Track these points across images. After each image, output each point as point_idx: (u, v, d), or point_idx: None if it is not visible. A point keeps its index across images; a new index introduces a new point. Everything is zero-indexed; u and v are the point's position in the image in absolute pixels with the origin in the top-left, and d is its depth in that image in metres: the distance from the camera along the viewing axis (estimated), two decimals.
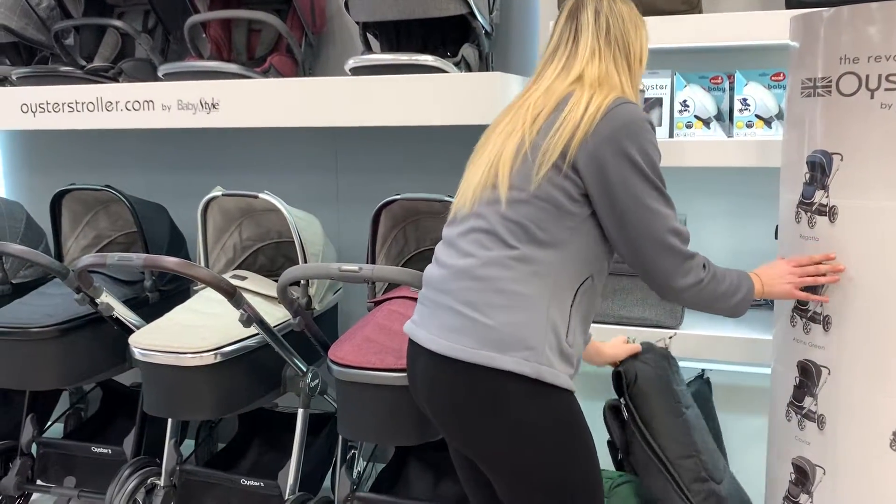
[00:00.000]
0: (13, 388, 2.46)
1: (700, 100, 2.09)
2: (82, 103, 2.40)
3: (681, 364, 2.15)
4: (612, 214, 1.40)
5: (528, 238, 1.40)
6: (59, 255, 2.67)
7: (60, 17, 2.69)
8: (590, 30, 1.49)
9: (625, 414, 1.82)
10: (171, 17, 2.61)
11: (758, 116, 2.03)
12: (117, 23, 2.59)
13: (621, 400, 1.83)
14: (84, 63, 2.67)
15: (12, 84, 2.61)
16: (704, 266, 1.46)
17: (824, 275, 1.55)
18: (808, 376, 1.62)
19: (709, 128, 2.09)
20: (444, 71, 2.07)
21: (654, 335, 2.05)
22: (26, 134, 3.13)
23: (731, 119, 2.09)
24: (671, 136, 2.12)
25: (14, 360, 2.26)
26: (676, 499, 1.74)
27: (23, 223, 2.75)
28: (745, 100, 2.04)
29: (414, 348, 1.52)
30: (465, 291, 1.42)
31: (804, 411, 1.63)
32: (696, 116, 2.09)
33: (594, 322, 2.07)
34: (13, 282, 2.65)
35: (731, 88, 2.09)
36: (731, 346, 2.01)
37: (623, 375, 1.81)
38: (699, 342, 2.04)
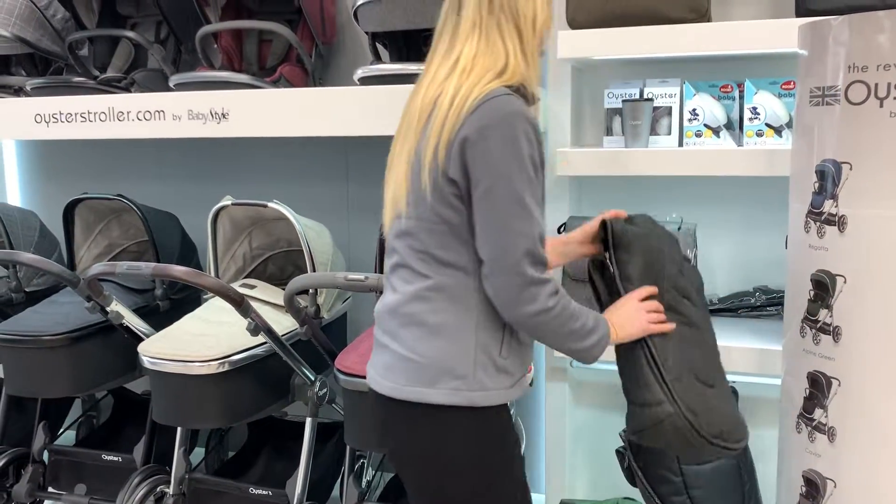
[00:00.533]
0: (26, 396, 2.49)
1: (709, 109, 2.07)
2: (94, 113, 2.43)
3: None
4: (476, 222, 1.32)
5: (437, 264, 1.35)
6: (71, 264, 2.69)
7: (75, 29, 2.72)
8: (471, 1, 1.37)
9: (611, 268, 1.58)
10: (182, 28, 2.63)
11: (768, 125, 2.02)
12: (130, 34, 2.62)
13: (606, 254, 1.60)
14: (97, 73, 2.70)
15: (27, 94, 2.64)
16: (556, 293, 1.34)
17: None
18: (818, 388, 1.60)
19: (718, 137, 2.07)
20: None
21: None
22: (40, 143, 3.17)
23: (740, 128, 2.08)
24: (680, 144, 2.11)
25: (27, 368, 2.28)
26: (648, 373, 1.49)
27: (37, 232, 2.78)
28: (754, 108, 2.03)
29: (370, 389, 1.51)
30: (395, 328, 1.41)
31: (814, 423, 1.61)
32: (706, 125, 2.08)
33: None
34: (27, 290, 2.67)
35: (741, 97, 2.07)
36: (740, 357, 1.99)
37: (609, 225, 1.59)
38: None
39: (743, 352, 1.99)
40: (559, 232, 2.21)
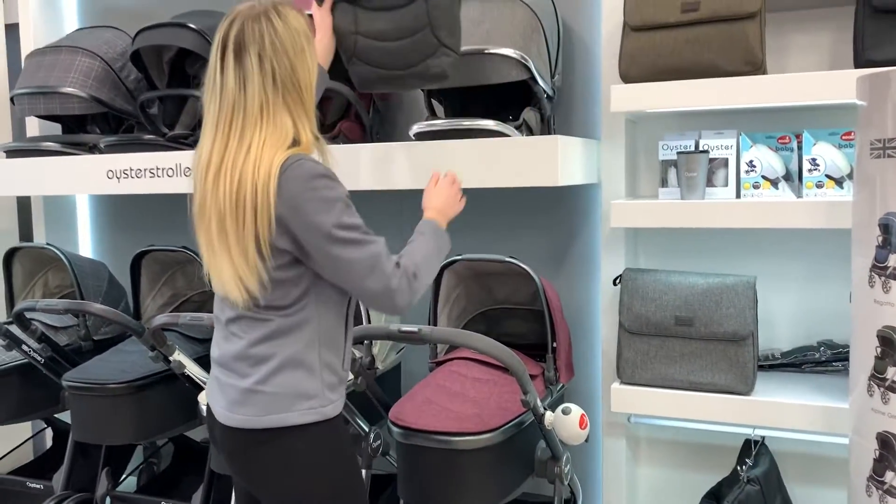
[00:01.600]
0: (91, 442, 2.56)
1: (767, 160, 2.05)
2: (163, 169, 2.53)
3: (751, 431, 2.08)
4: (325, 275, 1.52)
5: (277, 311, 1.53)
6: (137, 313, 2.78)
7: (146, 88, 2.86)
8: (255, 81, 1.48)
9: None
10: None
11: (828, 176, 1.98)
12: (197, 93, 2.71)
13: None
14: (166, 131, 2.83)
15: (101, 151, 2.77)
16: (398, 271, 1.53)
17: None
18: (888, 450, 1.54)
19: (777, 188, 2.04)
20: (505, 135, 2.10)
21: (724, 402, 1.99)
22: (111, 197, 3.31)
23: (800, 179, 2.04)
24: (738, 196, 2.09)
25: (93, 415, 2.36)
26: None
27: (105, 282, 2.89)
28: (814, 160, 2.00)
29: (210, 419, 1.65)
30: (244, 369, 1.55)
31: (886, 487, 1.54)
32: (764, 177, 2.05)
33: (662, 388, 2.05)
34: (95, 338, 2.77)
35: (800, 148, 2.04)
36: (805, 414, 1.93)
37: None
38: (771, 409, 1.96)
39: (808, 409, 1.93)
40: (615, 284, 2.20)
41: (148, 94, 2.78)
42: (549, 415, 1.80)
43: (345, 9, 1.99)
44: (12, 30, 3.32)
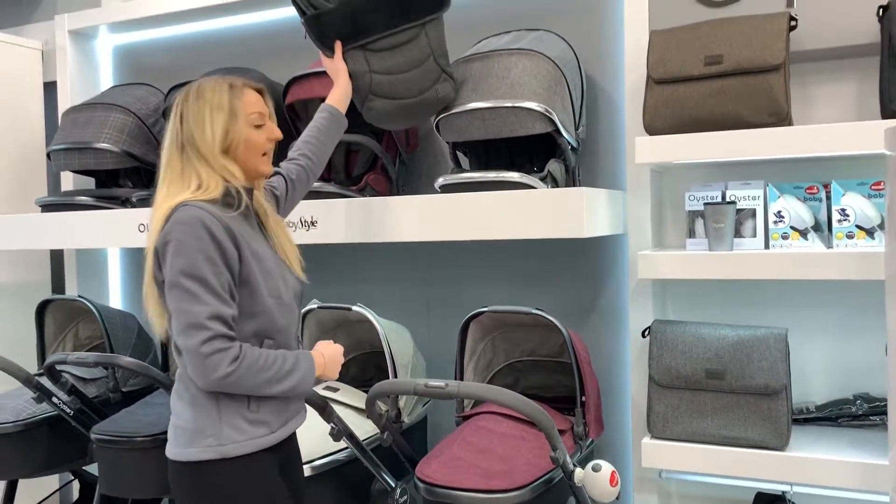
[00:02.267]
0: (118, 496, 2.55)
1: (795, 210, 2.04)
2: None
3: (789, 488, 2.03)
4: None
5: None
6: (165, 364, 2.80)
7: None
8: (165, 143, 1.74)
9: None
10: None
11: (859, 227, 1.96)
12: None
13: None
14: None
15: (133, 205, 2.83)
16: (237, 358, 1.58)
17: None
18: None
19: (806, 239, 2.02)
20: (530, 187, 2.11)
21: (758, 457, 1.94)
22: (141, 250, 3.35)
23: (829, 230, 2.02)
24: (766, 247, 2.07)
25: (120, 468, 2.35)
26: None
27: (135, 334, 2.92)
28: (843, 210, 1.98)
29: None
30: (173, 403, 1.73)
31: None
32: (793, 227, 2.03)
33: (694, 442, 2.00)
34: (123, 390, 2.79)
35: (828, 198, 2.03)
36: (843, 471, 1.87)
37: None
38: (807, 465, 1.91)
39: (845, 465, 1.87)
40: (644, 336, 2.17)
41: None
42: (578, 471, 1.77)
43: (355, 55, 2.13)
44: (51, 87, 3.43)
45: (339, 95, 2.13)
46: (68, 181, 3.33)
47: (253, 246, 1.69)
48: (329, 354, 1.82)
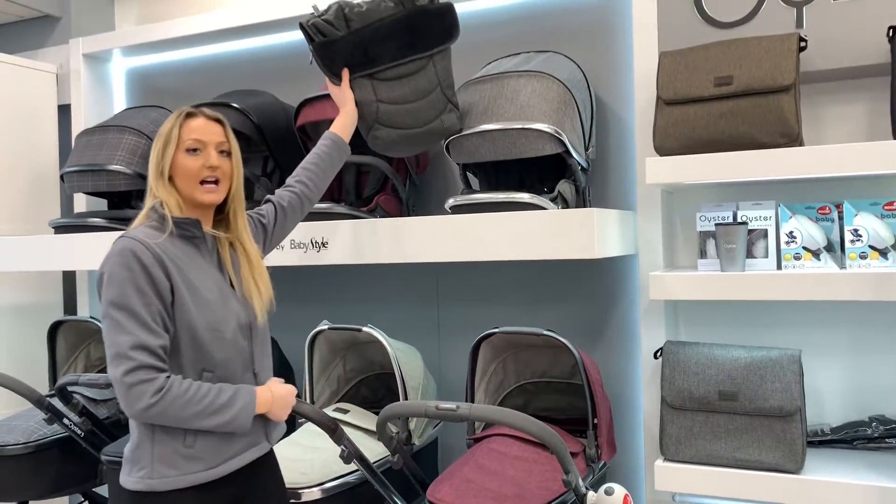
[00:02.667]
0: None
1: (807, 231, 2.03)
2: None
3: None
4: None
5: None
6: None
7: None
8: None
9: None
10: (288, 163, 2.80)
11: (872, 247, 1.95)
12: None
13: None
14: None
15: None
16: (161, 389, 1.57)
17: None
18: None
19: (819, 259, 2.01)
20: (540, 207, 2.11)
21: (773, 480, 1.92)
22: None
23: (842, 250, 2.01)
24: (779, 268, 2.06)
25: None
26: None
27: None
28: (856, 230, 1.97)
29: None
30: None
31: None
32: (805, 248, 2.02)
33: (707, 465, 1.98)
34: None
35: (840, 218, 2.02)
36: (860, 495, 1.85)
37: None
38: (823, 489, 1.88)
39: (862, 489, 1.85)
40: (656, 357, 2.16)
41: None
42: (591, 495, 1.75)
43: (362, 83, 2.15)
44: (65, 110, 3.46)
45: (343, 123, 2.14)
46: (81, 203, 3.36)
47: (191, 276, 1.69)
48: (279, 393, 1.77)
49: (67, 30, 3.53)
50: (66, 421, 2.49)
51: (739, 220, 2.09)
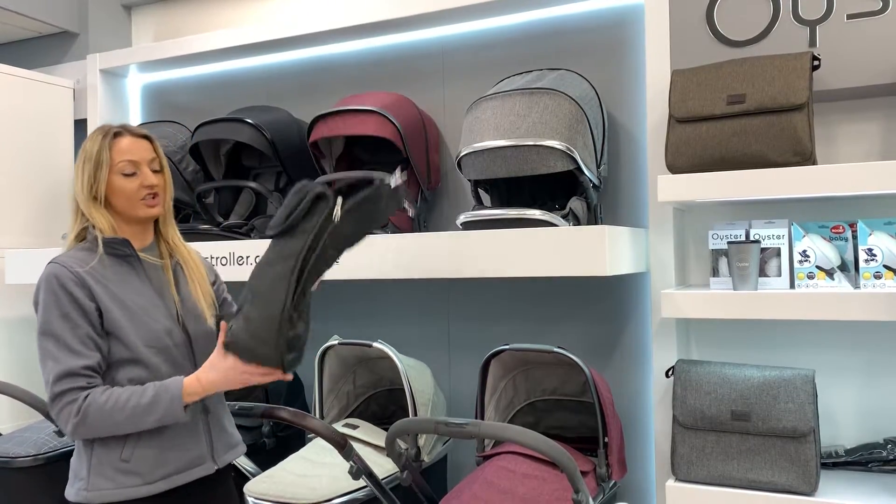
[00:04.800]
0: None
1: (821, 250, 2.01)
2: (217, 258, 2.60)
3: None
4: None
5: None
6: None
7: (203, 180, 2.97)
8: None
9: None
10: (300, 178, 2.81)
11: (886, 267, 1.93)
12: (252, 184, 2.83)
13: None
14: (221, 220, 2.91)
15: None
16: (78, 412, 1.59)
17: None
18: None
19: (833, 279, 2.00)
20: (552, 224, 2.11)
21: (786, 503, 1.89)
22: None
23: (856, 269, 2.00)
24: (792, 287, 2.05)
25: None
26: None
27: None
28: (870, 250, 1.95)
29: None
30: None
31: None
32: (818, 267, 2.01)
33: (719, 486, 1.96)
34: None
35: (854, 238, 2.01)
36: None
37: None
38: None
39: None
40: (667, 376, 2.14)
41: (205, 186, 2.88)
42: None
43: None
44: (81, 125, 3.50)
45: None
46: None
47: (124, 296, 1.70)
48: (208, 379, 1.64)
49: (85, 46, 3.58)
50: None
51: (752, 238, 2.08)
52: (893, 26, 2.02)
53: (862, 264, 1.96)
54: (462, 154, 2.25)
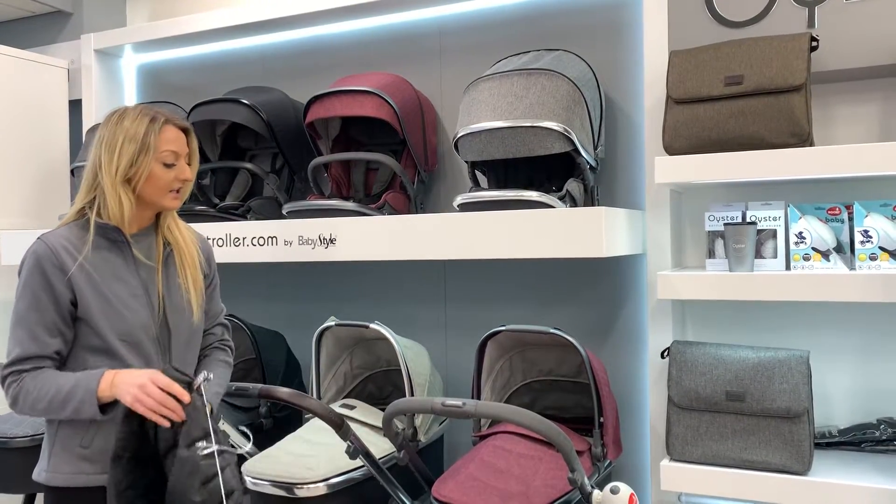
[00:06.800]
0: None
1: (817, 231, 2.02)
2: (213, 239, 2.59)
3: None
4: None
5: None
6: None
7: (199, 161, 2.95)
8: (89, 160, 1.75)
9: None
10: (296, 159, 2.82)
11: (882, 249, 1.94)
12: (248, 165, 2.82)
13: None
14: (217, 201, 2.91)
15: None
16: (17, 394, 1.64)
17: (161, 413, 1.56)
18: None
19: (828, 260, 2.00)
20: (549, 206, 2.11)
21: (780, 482, 1.91)
22: None
23: (852, 251, 2.00)
24: (787, 268, 2.05)
25: None
26: None
27: None
28: (866, 231, 1.96)
29: None
30: None
31: None
32: (814, 248, 2.02)
33: (713, 465, 1.98)
34: None
35: (850, 219, 2.01)
36: (867, 498, 1.84)
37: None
38: (830, 491, 1.87)
39: (869, 492, 1.84)
40: (663, 357, 2.15)
41: (201, 166, 2.87)
42: (596, 493, 1.75)
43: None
44: (76, 105, 3.48)
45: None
46: None
47: (102, 283, 1.69)
48: (121, 378, 1.60)
49: (79, 25, 3.55)
50: None
51: (748, 220, 2.09)
52: (892, 7, 2.01)
53: (858, 246, 1.97)
54: (459, 135, 2.25)
